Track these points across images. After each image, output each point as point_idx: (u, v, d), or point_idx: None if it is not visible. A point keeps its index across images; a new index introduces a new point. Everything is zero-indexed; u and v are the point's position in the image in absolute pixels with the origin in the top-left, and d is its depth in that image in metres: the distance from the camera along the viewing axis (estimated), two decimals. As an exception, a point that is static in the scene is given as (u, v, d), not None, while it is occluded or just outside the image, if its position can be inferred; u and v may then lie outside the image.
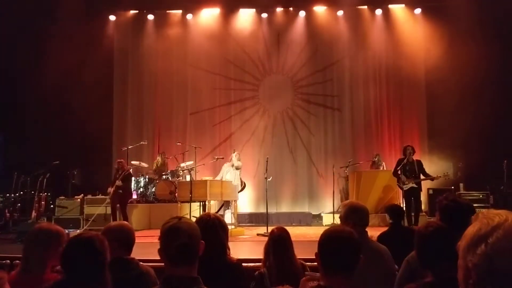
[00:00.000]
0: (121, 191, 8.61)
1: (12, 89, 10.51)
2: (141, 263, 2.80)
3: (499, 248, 0.94)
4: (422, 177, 8.25)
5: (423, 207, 10.07)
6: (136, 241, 2.79)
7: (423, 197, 10.11)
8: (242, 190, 9.51)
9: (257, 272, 2.98)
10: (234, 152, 9.27)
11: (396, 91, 11.83)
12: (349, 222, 2.89)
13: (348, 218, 2.93)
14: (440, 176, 8.40)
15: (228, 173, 8.87)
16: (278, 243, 2.92)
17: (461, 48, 10.00)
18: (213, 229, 2.50)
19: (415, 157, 8.44)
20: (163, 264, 1.86)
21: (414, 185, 8.17)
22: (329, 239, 1.89)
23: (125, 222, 3.04)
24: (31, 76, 10.42)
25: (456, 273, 0.97)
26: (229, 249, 2.65)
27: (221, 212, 9.23)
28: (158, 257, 1.85)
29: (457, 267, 0.99)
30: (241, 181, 9.35)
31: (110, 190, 8.71)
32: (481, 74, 10.03)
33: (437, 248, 2.01)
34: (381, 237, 3.87)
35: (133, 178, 10.35)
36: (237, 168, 8.93)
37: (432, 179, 8.36)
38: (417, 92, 11.73)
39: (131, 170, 9.31)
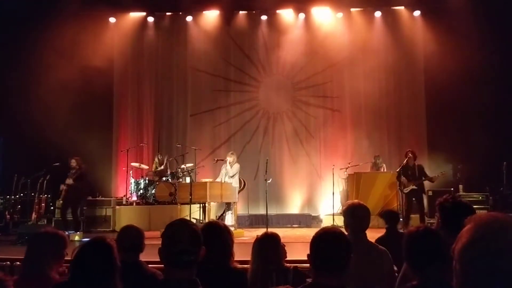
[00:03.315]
0: (70, 191, 8.19)
1: (12, 91, 10.51)
2: (150, 266, 2.82)
3: (493, 250, 0.95)
4: (423, 178, 8.36)
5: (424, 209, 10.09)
6: (136, 242, 2.83)
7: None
8: (242, 189, 9.49)
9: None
10: (228, 156, 8.94)
11: (395, 93, 11.84)
12: (347, 224, 2.93)
13: (346, 221, 2.97)
14: (438, 176, 8.46)
15: (226, 176, 8.85)
16: (262, 243, 2.94)
17: (460, 50, 10.02)
18: (219, 235, 2.52)
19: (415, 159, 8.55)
20: (162, 266, 1.87)
21: (415, 187, 8.25)
22: (319, 240, 1.93)
23: (133, 225, 3.06)
24: (31, 78, 10.43)
25: (444, 275, 0.97)
26: (233, 256, 2.66)
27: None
28: (158, 259, 1.86)
29: (444, 270, 1.00)
30: (240, 181, 9.30)
31: (63, 187, 8.31)
32: (480, 76, 10.06)
33: (425, 250, 2.02)
34: (378, 242, 3.89)
35: (133, 180, 10.38)
36: (231, 177, 8.75)
37: (431, 179, 8.42)
38: (417, 93, 11.74)
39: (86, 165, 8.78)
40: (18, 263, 4.58)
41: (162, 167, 10.50)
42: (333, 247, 1.88)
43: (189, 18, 12.11)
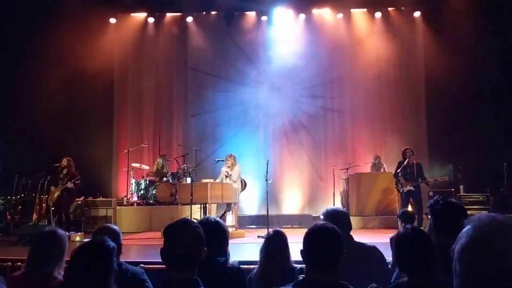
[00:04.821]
0: (66, 193, 8.15)
1: (13, 92, 10.53)
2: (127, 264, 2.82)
3: (491, 250, 0.95)
4: (419, 180, 8.28)
5: (423, 209, 10.08)
6: (137, 243, 2.81)
7: (423, 199, 10.13)
8: (243, 189, 9.48)
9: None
10: (226, 160, 8.76)
11: (396, 93, 11.85)
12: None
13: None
14: (436, 179, 8.39)
15: (227, 178, 8.82)
16: (270, 241, 2.95)
17: (460, 51, 10.04)
18: (213, 233, 2.51)
19: (414, 159, 8.48)
20: (164, 266, 1.87)
21: (412, 188, 8.20)
22: (312, 235, 1.96)
23: (109, 225, 3.00)
24: (31, 79, 10.44)
25: (433, 277, 0.97)
26: (228, 254, 2.66)
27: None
28: (159, 260, 1.87)
29: (433, 272, 1.00)
30: (241, 182, 9.28)
31: (54, 189, 8.20)
32: (480, 76, 10.06)
33: (413, 252, 2.02)
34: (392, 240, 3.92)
35: (134, 181, 10.39)
36: (235, 181, 8.60)
37: (427, 183, 8.35)
38: (417, 94, 11.75)
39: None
40: (19, 263, 4.58)
41: (164, 170, 10.50)
42: (326, 242, 1.89)
43: (189, 19, 12.13)
